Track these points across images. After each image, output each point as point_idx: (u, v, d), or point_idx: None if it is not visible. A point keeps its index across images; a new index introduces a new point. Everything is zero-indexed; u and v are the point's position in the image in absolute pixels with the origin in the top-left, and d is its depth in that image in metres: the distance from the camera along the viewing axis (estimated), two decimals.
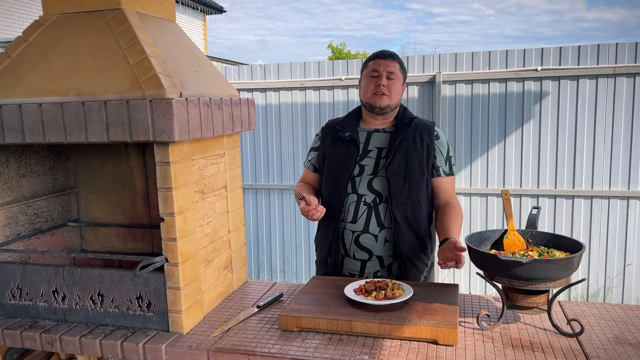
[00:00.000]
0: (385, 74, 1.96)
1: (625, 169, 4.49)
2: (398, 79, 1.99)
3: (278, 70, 5.33)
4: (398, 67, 2.00)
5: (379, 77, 1.97)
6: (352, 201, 1.99)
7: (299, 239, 5.53)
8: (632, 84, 4.35)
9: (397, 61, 2.01)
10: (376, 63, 1.99)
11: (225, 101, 1.76)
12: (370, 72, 2.00)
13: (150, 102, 1.44)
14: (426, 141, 1.98)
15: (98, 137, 1.51)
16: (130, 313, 1.66)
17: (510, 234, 1.69)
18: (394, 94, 1.98)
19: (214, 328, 1.64)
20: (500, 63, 4.64)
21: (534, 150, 4.67)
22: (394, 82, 1.98)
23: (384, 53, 2.02)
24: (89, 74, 1.59)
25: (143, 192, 2.15)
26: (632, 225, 4.56)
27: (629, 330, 1.54)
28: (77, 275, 1.70)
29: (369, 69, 2.01)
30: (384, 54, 2.02)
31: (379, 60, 2.00)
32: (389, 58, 2.00)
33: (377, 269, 1.98)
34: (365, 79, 2.04)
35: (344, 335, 1.53)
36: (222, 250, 1.90)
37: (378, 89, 1.96)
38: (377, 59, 2.00)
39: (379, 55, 2.02)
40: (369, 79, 2.01)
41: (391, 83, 1.97)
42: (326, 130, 2.13)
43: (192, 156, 1.65)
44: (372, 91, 1.98)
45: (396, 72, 1.99)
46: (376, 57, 2.01)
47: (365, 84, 2.02)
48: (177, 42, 1.84)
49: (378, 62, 1.99)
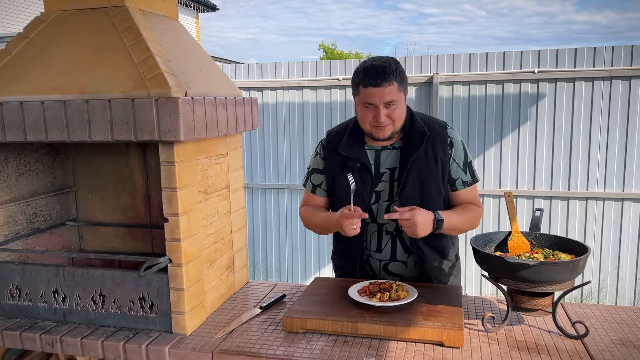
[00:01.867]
0: (382, 105, 1.68)
1: (620, 171, 4.52)
2: (399, 101, 1.70)
3: (275, 70, 5.32)
4: (396, 87, 1.67)
5: (375, 109, 1.69)
6: (372, 230, 1.86)
7: (295, 238, 5.52)
8: (627, 87, 4.39)
9: (394, 79, 1.66)
10: (369, 93, 1.67)
11: (229, 101, 1.75)
12: (364, 102, 1.71)
13: (156, 101, 1.42)
14: (440, 156, 1.78)
15: (102, 136, 1.49)
16: (132, 314, 1.64)
17: (514, 235, 1.69)
18: (397, 120, 1.73)
19: (217, 329, 1.62)
20: (498, 65, 4.66)
21: (530, 151, 4.69)
22: (394, 109, 1.70)
23: (376, 75, 1.65)
24: (92, 71, 1.57)
25: (144, 192, 2.13)
26: (626, 227, 4.59)
27: (632, 332, 1.54)
28: (78, 276, 1.68)
29: (361, 97, 1.71)
30: (377, 77, 1.65)
31: (372, 89, 1.66)
32: (383, 83, 1.65)
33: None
34: (359, 105, 1.75)
35: (349, 337, 1.52)
36: (224, 251, 1.89)
37: (378, 123, 1.71)
38: (369, 87, 1.66)
39: (370, 81, 1.66)
40: (364, 108, 1.72)
41: (391, 111, 1.70)
42: (328, 151, 1.90)
43: (196, 156, 1.64)
44: (370, 123, 1.73)
45: (395, 96, 1.68)
46: (368, 84, 1.66)
47: (362, 114, 1.74)
48: (180, 40, 1.83)
49: (371, 92, 1.66)
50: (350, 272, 1.93)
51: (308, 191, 1.99)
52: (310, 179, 1.98)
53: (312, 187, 1.97)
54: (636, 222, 4.57)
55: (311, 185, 1.97)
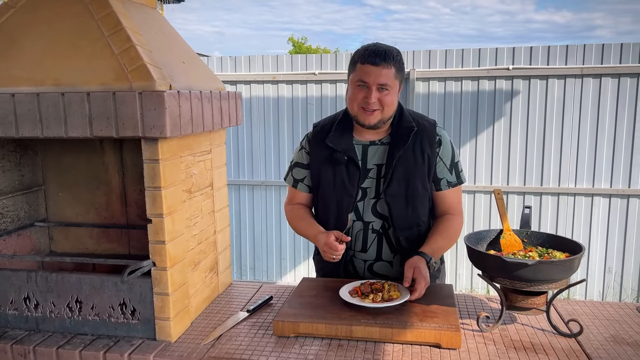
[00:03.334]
0: (375, 87, 1.63)
1: (590, 168, 4.63)
2: (392, 88, 1.65)
3: (249, 63, 5.21)
4: (393, 72, 1.63)
5: (367, 90, 1.64)
6: (358, 229, 1.81)
7: (270, 236, 5.44)
8: (597, 85, 4.49)
9: (393, 65, 1.63)
10: (365, 71, 1.63)
11: (214, 95, 1.67)
12: (357, 80, 1.65)
13: (139, 95, 1.33)
14: (427, 152, 1.74)
15: (79, 131, 1.38)
16: (112, 321, 1.54)
17: (506, 234, 1.68)
18: (387, 107, 1.67)
19: (204, 335, 1.55)
20: (473, 61, 4.69)
21: (504, 148, 4.75)
22: (387, 94, 1.64)
23: (376, 54, 1.62)
24: (67, 62, 1.46)
25: (120, 190, 2.02)
26: (595, 221, 4.72)
27: (624, 329, 1.55)
28: (52, 281, 1.57)
29: (357, 74, 1.66)
30: (377, 56, 1.61)
31: (369, 67, 1.62)
32: (382, 64, 1.61)
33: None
34: (352, 85, 1.69)
35: (343, 340, 1.48)
36: (208, 252, 1.81)
37: (367, 105, 1.65)
38: (366, 64, 1.62)
39: (369, 58, 1.62)
40: (356, 87, 1.67)
41: (383, 95, 1.64)
42: (314, 144, 1.84)
43: (180, 153, 1.55)
44: (359, 104, 1.67)
45: (390, 81, 1.63)
46: (366, 61, 1.63)
47: (352, 93, 1.69)
48: (161, 30, 1.73)
49: (367, 70, 1.62)
50: (333, 273, 1.88)
51: (290, 186, 1.94)
52: (292, 172, 1.92)
53: (293, 181, 1.91)
54: (605, 217, 4.69)
55: (292, 180, 1.92)
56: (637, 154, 4.53)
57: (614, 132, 4.54)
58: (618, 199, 4.64)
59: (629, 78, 4.44)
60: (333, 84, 5.00)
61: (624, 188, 4.60)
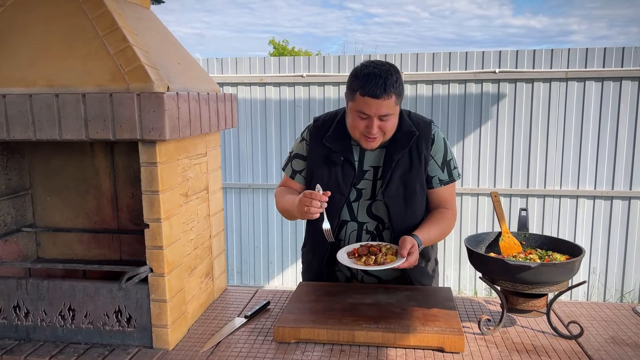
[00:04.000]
0: (376, 118, 1.62)
1: (574, 170, 4.70)
2: (393, 114, 1.65)
3: (236, 65, 5.17)
4: (394, 100, 1.61)
5: (368, 120, 1.63)
6: (352, 229, 1.80)
7: (258, 239, 5.39)
8: (582, 88, 4.56)
9: (393, 92, 1.59)
10: (365, 103, 1.60)
11: (211, 97, 1.64)
12: (358, 111, 1.64)
13: (137, 96, 1.30)
14: (424, 153, 1.74)
15: (74, 134, 1.34)
16: (107, 329, 1.50)
17: (505, 236, 1.68)
18: (388, 132, 1.68)
19: (202, 342, 1.51)
20: (460, 64, 4.73)
21: (491, 150, 4.80)
22: (387, 122, 1.64)
23: (376, 87, 1.57)
24: (60, 62, 1.41)
25: (110, 194, 1.97)
26: (580, 223, 4.79)
27: (622, 330, 1.56)
28: (44, 289, 1.52)
29: (357, 104, 1.63)
30: (377, 88, 1.57)
31: (369, 99, 1.58)
32: (383, 96, 1.57)
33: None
34: (352, 113, 1.67)
35: (345, 345, 1.46)
36: (203, 257, 1.77)
37: (369, 134, 1.65)
38: (367, 97, 1.59)
39: (369, 91, 1.57)
40: (356, 117, 1.65)
41: (384, 123, 1.64)
42: (313, 140, 1.83)
43: (177, 156, 1.52)
44: (361, 132, 1.67)
45: (391, 110, 1.62)
46: (366, 94, 1.58)
47: (353, 122, 1.68)
48: (155, 30, 1.69)
49: (368, 103, 1.59)
50: (317, 267, 1.87)
51: (287, 176, 1.92)
52: (291, 163, 1.90)
53: (291, 172, 1.89)
54: (589, 218, 4.77)
55: (291, 170, 1.90)
56: (620, 156, 4.62)
57: (598, 135, 4.62)
58: (602, 201, 4.72)
59: (612, 82, 4.52)
60: (321, 86, 4.99)
61: (607, 190, 4.68)
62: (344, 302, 1.64)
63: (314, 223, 1.88)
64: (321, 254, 1.85)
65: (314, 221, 1.87)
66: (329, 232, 1.65)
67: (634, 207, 4.68)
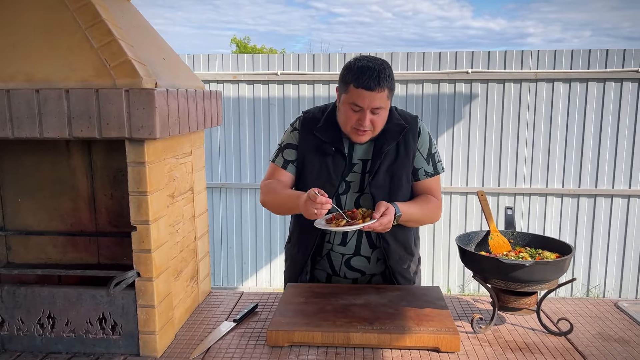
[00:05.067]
0: (369, 111, 1.64)
1: (544, 168, 4.83)
2: (385, 108, 1.67)
3: (208, 62, 5.06)
4: (386, 94, 1.64)
5: (361, 112, 1.65)
6: None
7: (231, 240, 5.31)
8: (551, 89, 4.69)
9: (387, 86, 1.62)
10: (359, 95, 1.62)
11: (198, 94, 1.58)
12: (351, 103, 1.65)
13: (126, 92, 1.23)
14: (411, 146, 1.77)
15: (56, 132, 1.27)
16: (90, 337, 1.42)
17: (493, 235, 1.69)
18: (379, 126, 1.70)
19: (191, 348, 1.46)
20: (434, 64, 4.77)
21: (464, 150, 4.87)
22: (379, 115, 1.67)
23: (370, 78, 1.59)
24: (39, 56, 1.33)
25: (88, 196, 1.88)
26: (549, 220, 4.92)
27: (608, 326, 1.60)
28: (21, 296, 1.43)
29: (350, 96, 1.65)
30: (371, 81, 1.59)
31: (363, 91, 1.60)
32: (377, 89, 1.60)
33: (368, 281, 1.88)
34: (344, 105, 1.69)
35: (339, 348, 1.43)
36: (189, 260, 1.71)
37: (360, 127, 1.67)
38: (361, 89, 1.61)
39: (363, 83, 1.60)
40: (349, 109, 1.67)
41: (376, 117, 1.66)
42: (305, 130, 1.83)
43: (164, 155, 1.46)
44: (352, 126, 1.69)
45: (383, 103, 1.64)
46: (360, 86, 1.60)
47: (345, 115, 1.69)
48: (137, 24, 1.62)
49: (362, 95, 1.61)
50: (301, 262, 1.86)
51: (277, 166, 1.86)
52: (282, 154, 1.86)
53: (283, 162, 1.85)
54: (557, 215, 4.91)
55: (282, 161, 1.85)
56: (587, 155, 4.77)
57: (565, 135, 4.76)
58: (569, 199, 4.86)
59: (579, 83, 4.66)
60: (295, 85, 4.95)
61: (574, 188, 4.83)
62: (336, 303, 1.62)
63: (299, 218, 1.85)
64: (306, 248, 1.84)
65: (300, 218, 1.85)
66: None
67: (599, 205, 4.85)
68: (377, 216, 1.58)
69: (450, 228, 5.01)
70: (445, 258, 5.04)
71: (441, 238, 5.03)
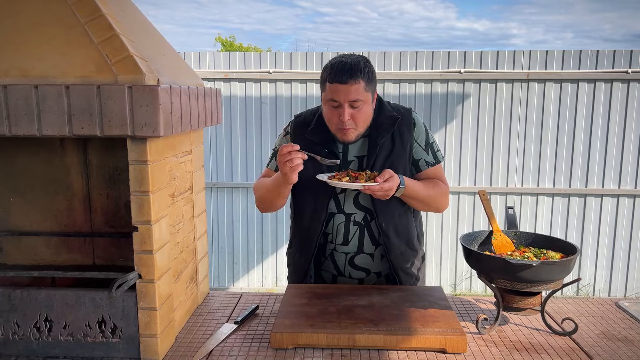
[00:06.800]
0: (347, 105, 1.64)
1: (535, 168, 4.86)
2: (365, 101, 1.66)
3: (199, 59, 5.01)
4: (363, 86, 1.63)
5: (340, 108, 1.65)
6: (340, 222, 1.79)
7: (222, 240, 5.26)
8: (542, 89, 4.72)
9: (361, 78, 1.62)
10: (334, 90, 1.63)
11: (199, 91, 1.55)
12: (329, 100, 1.66)
13: (129, 89, 1.20)
14: (407, 137, 1.77)
15: (56, 129, 1.22)
16: (88, 341, 1.39)
17: (496, 234, 1.68)
18: (362, 121, 1.69)
19: (193, 351, 1.42)
20: (427, 64, 4.78)
21: (456, 149, 4.88)
22: (359, 109, 1.66)
23: (342, 72, 1.61)
24: (36, 51, 1.29)
25: (83, 195, 1.84)
26: (540, 219, 4.95)
27: (611, 325, 1.60)
28: (16, 299, 1.38)
29: (327, 93, 1.66)
30: (343, 74, 1.61)
31: (337, 85, 1.62)
32: (349, 81, 1.60)
33: (374, 281, 1.87)
34: (325, 104, 1.71)
35: (345, 349, 1.41)
36: (188, 261, 1.68)
37: (342, 125, 1.67)
38: (335, 84, 1.62)
39: (336, 77, 1.61)
40: (330, 107, 1.68)
41: (356, 112, 1.65)
42: (296, 133, 1.84)
43: (165, 154, 1.42)
44: (335, 125, 1.69)
45: (361, 95, 1.63)
46: (334, 80, 1.62)
47: (327, 113, 1.71)
48: (137, 19, 1.58)
49: (337, 89, 1.62)
50: (304, 266, 1.84)
51: (271, 170, 1.89)
52: (275, 158, 1.85)
53: (276, 167, 1.81)
54: (548, 214, 4.94)
55: (276, 165, 1.82)
56: (577, 154, 4.81)
57: (557, 134, 4.79)
58: (560, 198, 4.90)
59: (569, 83, 4.70)
60: (288, 83, 4.92)
61: (565, 187, 4.87)
62: (339, 304, 1.60)
63: (299, 223, 1.84)
64: (308, 251, 1.83)
65: (300, 221, 1.84)
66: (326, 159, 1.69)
67: (590, 204, 4.89)
68: (381, 180, 1.59)
69: (442, 228, 5.02)
70: (438, 257, 5.05)
71: (433, 238, 5.04)
